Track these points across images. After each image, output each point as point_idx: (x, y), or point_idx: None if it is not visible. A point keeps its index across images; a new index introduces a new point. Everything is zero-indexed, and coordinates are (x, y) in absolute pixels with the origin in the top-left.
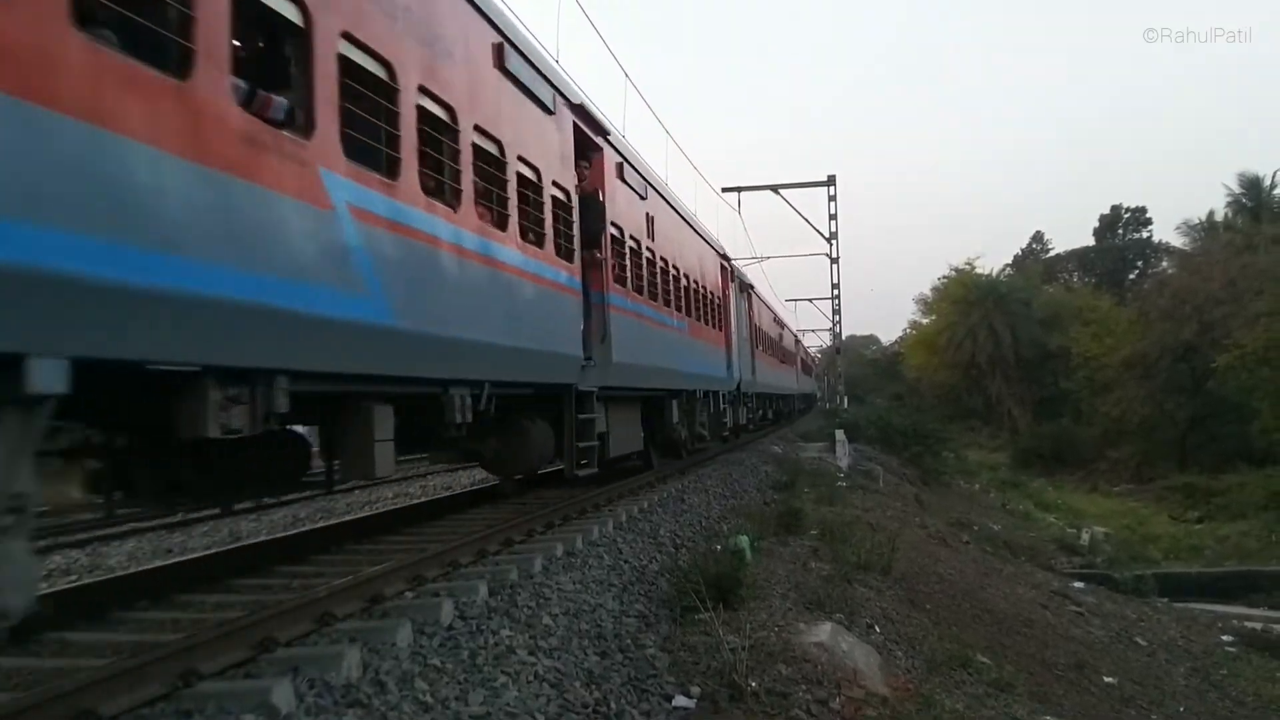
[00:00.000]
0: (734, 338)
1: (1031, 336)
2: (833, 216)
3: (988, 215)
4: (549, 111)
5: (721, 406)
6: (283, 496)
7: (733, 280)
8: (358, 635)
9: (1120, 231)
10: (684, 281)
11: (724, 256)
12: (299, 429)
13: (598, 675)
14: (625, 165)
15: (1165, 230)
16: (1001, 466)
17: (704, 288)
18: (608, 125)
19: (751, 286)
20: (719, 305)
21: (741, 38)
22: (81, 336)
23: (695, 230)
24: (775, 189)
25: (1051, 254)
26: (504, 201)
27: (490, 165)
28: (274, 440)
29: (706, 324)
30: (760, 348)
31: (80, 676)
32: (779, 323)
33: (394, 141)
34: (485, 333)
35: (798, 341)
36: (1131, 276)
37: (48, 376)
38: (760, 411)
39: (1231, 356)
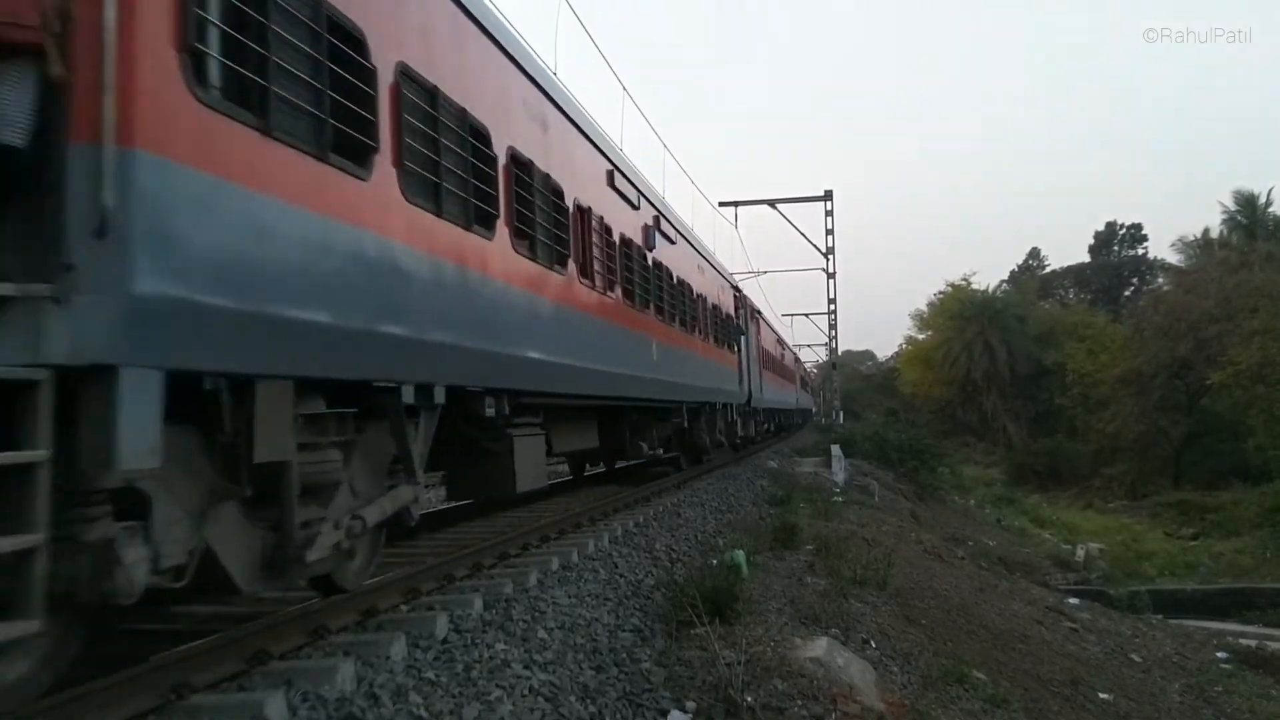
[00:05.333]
0: (743, 356)
1: (1027, 352)
2: (829, 231)
3: (984, 231)
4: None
5: (733, 418)
6: None
7: (742, 306)
8: (352, 648)
9: (1116, 248)
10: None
11: (736, 288)
12: None
13: (593, 689)
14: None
15: (1161, 247)
16: (996, 482)
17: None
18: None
19: (758, 311)
20: (733, 328)
21: (738, 53)
22: None
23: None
24: (772, 203)
25: (1047, 270)
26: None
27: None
28: None
29: (719, 345)
30: (767, 366)
31: (71, 689)
32: (782, 343)
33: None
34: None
35: (797, 360)
36: (1127, 293)
37: None
38: (766, 425)
39: (1226, 374)
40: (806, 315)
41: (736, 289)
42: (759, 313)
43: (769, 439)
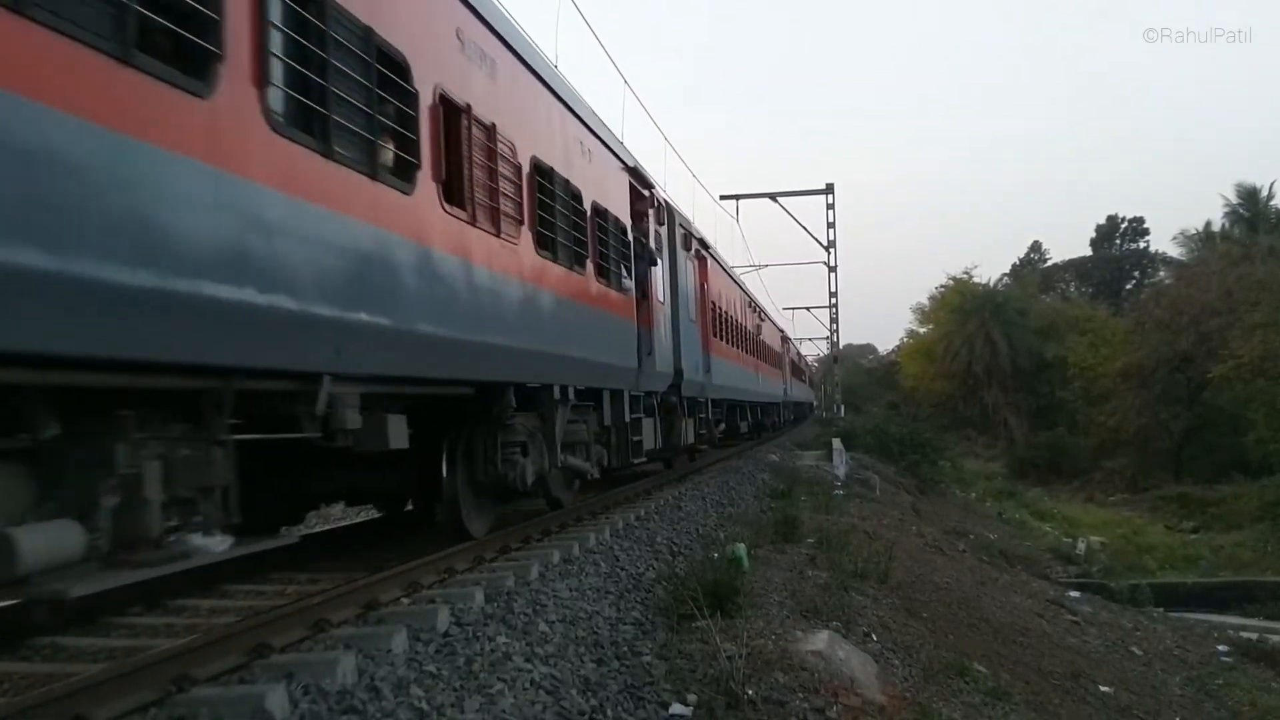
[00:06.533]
0: (665, 310)
1: (1028, 346)
2: (831, 225)
3: (986, 225)
4: None
5: (623, 419)
6: None
7: (662, 223)
8: (353, 641)
9: (1118, 241)
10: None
11: (636, 172)
12: None
13: (594, 683)
14: None
15: (1162, 240)
16: (998, 476)
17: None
18: None
19: (705, 244)
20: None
21: (740, 47)
22: None
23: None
24: (773, 197)
25: (1049, 264)
26: None
27: None
28: None
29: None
30: (724, 336)
31: (73, 681)
32: (757, 309)
33: None
34: None
35: (786, 340)
36: (1128, 287)
37: None
38: (721, 424)
39: (1227, 368)
40: (808, 309)
41: (642, 177)
42: (706, 245)
43: (744, 443)
